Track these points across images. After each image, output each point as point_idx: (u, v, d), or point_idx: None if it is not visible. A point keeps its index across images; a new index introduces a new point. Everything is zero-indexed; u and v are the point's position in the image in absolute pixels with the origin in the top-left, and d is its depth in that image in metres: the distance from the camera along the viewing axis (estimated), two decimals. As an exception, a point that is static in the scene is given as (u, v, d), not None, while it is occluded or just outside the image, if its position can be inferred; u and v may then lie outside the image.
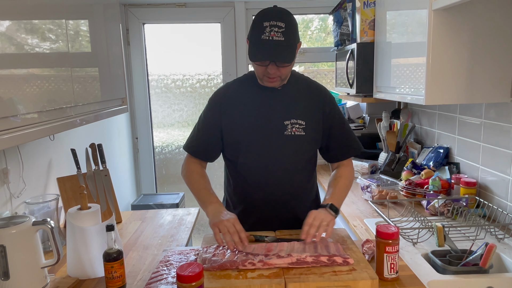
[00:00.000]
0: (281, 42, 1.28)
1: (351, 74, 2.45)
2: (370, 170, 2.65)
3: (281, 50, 1.30)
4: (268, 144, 1.44)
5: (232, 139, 1.47)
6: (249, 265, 1.16)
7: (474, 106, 1.96)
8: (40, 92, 1.20)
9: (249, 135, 1.44)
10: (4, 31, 1.04)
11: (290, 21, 1.31)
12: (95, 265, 1.33)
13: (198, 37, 3.20)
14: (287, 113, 1.45)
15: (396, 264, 1.17)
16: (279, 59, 1.31)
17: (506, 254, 1.46)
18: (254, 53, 1.33)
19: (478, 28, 1.60)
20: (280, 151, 1.44)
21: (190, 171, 1.51)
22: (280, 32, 1.28)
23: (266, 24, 1.28)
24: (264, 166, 1.45)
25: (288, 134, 1.44)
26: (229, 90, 1.51)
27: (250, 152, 1.45)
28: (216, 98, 1.51)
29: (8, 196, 1.57)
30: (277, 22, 1.28)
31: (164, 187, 3.35)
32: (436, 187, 2.01)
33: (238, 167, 1.49)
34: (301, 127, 1.45)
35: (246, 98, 1.47)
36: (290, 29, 1.30)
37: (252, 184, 1.48)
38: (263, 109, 1.45)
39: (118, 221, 1.92)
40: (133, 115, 3.18)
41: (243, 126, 1.45)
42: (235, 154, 1.48)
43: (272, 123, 1.44)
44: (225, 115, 1.46)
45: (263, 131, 1.44)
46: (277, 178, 1.46)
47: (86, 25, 1.59)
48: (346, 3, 2.51)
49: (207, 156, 1.53)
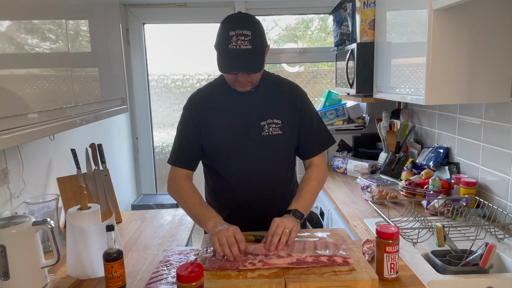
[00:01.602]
0: (249, 51, 1.28)
1: (351, 74, 2.45)
2: (370, 170, 2.65)
3: (250, 59, 1.29)
4: (248, 147, 1.44)
5: (212, 144, 1.46)
6: (249, 265, 1.17)
7: (474, 106, 1.96)
8: (40, 92, 1.20)
9: (228, 139, 1.44)
10: (4, 31, 1.04)
11: (255, 27, 1.30)
12: (95, 265, 1.33)
13: (198, 37, 3.20)
14: (262, 113, 1.45)
15: (396, 264, 1.17)
16: (249, 69, 1.31)
17: (506, 254, 1.46)
18: (223, 64, 1.32)
19: (478, 28, 1.60)
20: (260, 153, 1.45)
21: (181, 187, 1.45)
22: (247, 40, 1.27)
23: (232, 34, 1.27)
24: (246, 168, 1.45)
25: (266, 134, 1.44)
26: (203, 95, 1.50)
27: (230, 155, 1.45)
28: (192, 105, 1.49)
29: (8, 196, 1.57)
30: (243, 30, 1.27)
31: (164, 187, 3.34)
32: (436, 187, 2.01)
33: (219, 171, 1.49)
34: (277, 126, 1.45)
35: (222, 102, 1.47)
36: (257, 36, 1.29)
37: (235, 187, 1.48)
38: (239, 112, 1.45)
39: (118, 221, 1.92)
40: (133, 115, 3.18)
41: (222, 131, 1.45)
42: (215, 159, 1.48)
43: (249, 125, 1.44)
44: (203, 121, 1.45)
45: (241, 134, 1.44)
46: (260, 179, 1.47)
47: (86, 25, 1.59)
48: (346, 3, 2.51)
49: (194, 165, 1.50)
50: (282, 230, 1.28)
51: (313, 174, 1.51)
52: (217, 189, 1.54)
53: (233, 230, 1.25)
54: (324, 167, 1.55)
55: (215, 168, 1.50)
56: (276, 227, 1.29)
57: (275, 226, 1.30)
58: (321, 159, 1.56)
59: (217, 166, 1.49)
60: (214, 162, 1.50)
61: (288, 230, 1.28)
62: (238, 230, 1.26)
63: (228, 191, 1.50)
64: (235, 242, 1.21)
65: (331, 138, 1.57)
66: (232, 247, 1.20)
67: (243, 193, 1.48)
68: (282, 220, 1.32)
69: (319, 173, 1.52)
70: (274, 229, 1.28)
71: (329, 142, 1.56)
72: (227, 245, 1.21)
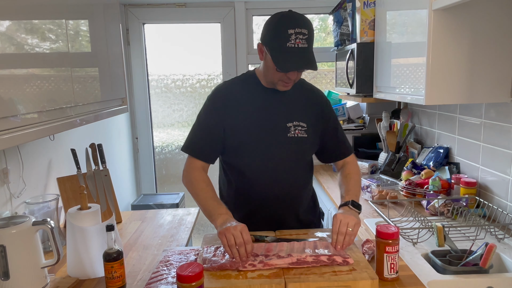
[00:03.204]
0: (307, 49, 1.29)
1: (351, 74, 2.45)
2: (370, 170, 2.65)
3: (309, 58, 1.31)
4: (272, 146, 1.44)
5: (235, 140, 1.44)
6: (249, 267, 1.16)
7: (474, 106, 1.96)
8: (40, 92, 1.20)
9: (253, 137, 1.43)
10: (4, 31, 1.04)
11: (310, 26, 1.32)
12: (95, 265, 1.33)
13: (198, 37, 3.20)
14: (289, 114, 1.45)
15: (396, 264, 1.17)
16: (311, 67, 1.31)
17: (506, 254, 1.46)
18: (282, 62, 1.30)
19: (478, 28, 1.60)
20: (284, 153, 1.45)
21: (195, 178, 1.42)
22: (304, 39, 1.28)
23: (291, 32, 1.27)
24: (268, 167, 1.45)
25: (292, 136, 1.44)
26: (231, 90, 1.48)
27: (253, 153, 1.44)
28: (218, 97, 1.46)
29: (8, 196, 1.57)
30: (301, 29, 1.28)
31: (164, 187, 3.35)
32: (436, 187, 2.01)
33: (240, 168, 1.47)
34: (303, 129, 1.45)
35: (249, 99, 1.45)
36: (311, 35, 1.31)
37: (255, 185, 1.47)
38: (266, 110, 1.45)
39: (118, 221, 1.92)
40: (133, 115, 3.18)
41: (247, 128, 1.43)
42: (237, 155, 1.46)
43: (275, 124, 1.44)
44: (228, 116, 1.43)
45: (267, 132, 1.44)
46: (280, 179, 1.46)
47: (86, 25, 1.59)
48: (346, 3, 2.51)
49: (210, 157, 1.46)
50: (346, 228, 1.27)
51: (352, 169, 1.54)
52: (236, 187, 1.51)
53: (241, 229, 1.22)
54: (357, 163, 1.59)
55: (236, 165, 1.48)
56: (340, 224, 1.28)
57: (338, 223, 1.28)
58: (353, 157, 1.60)
59: (239, 163, 1.47)
60: (235, 159, 1.47)
61: (351, 228, 1.27)
62: (246, 229, 1.24)
63: (248, 190, 1.49)
64: (243, 242, 1.20)
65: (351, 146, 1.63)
66: (240, 248, 1.20)
67: (262, 193, 1.47)
68: (345, 216, 1.29)
69: (357, 168, 1.56)
70: (338, 227, 1.27)
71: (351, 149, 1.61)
72: (235, 246, 1.20)
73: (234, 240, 1.20)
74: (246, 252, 1.20)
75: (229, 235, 1.21)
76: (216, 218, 1.30)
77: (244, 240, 1.20)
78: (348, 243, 1.26)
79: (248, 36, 3.10)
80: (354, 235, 1.27)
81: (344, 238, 1.26)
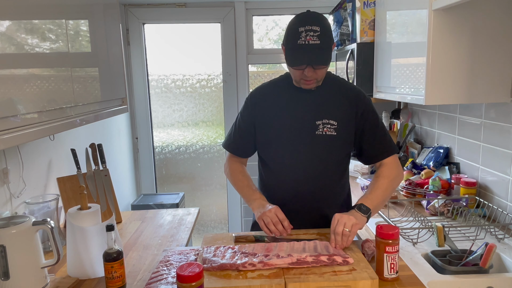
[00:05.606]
0: (317, 45, 1.31)
1: (351, 74, 2.45)
2: (370, 170, 2.65)
3: (317, 53, 1.32)
4: (299, 143, 1.46)
5: (263, 137, 1.51)
6: (249, 266, 1.16)
7: (474, 106, 1.96)
8: (40, 92, 1.20)
9: (280, 134, 1.47)
10: (4, 31, 1.04)
11: (324, 23, 1.33)
12: (95, 265, 1.33)
13: (198, 37, 3.20)
14: (319, 113, 1.46)
15: (396, 264, 1.17)
16: (316, 63, 1.33)
17: (506, 254, 1.46)
18: (291, 59, 1.36)
19: (478, 28, 1.60)
20: (310, 150, 1.46)
21: (233, 170, 1.59)
22: (315, 35, 1.30)
23: (301, 29, 1.30)
24: (294, 164, 1.47)
25: (319, 133, 1.45)
26: (263, 90, 1.56)
27: (280, 150, 1.48)
28: (251, 98, 1.57)
29: (8, 196, 1.57)
30: (312, 26, 1.30)
31: (164, 187, 3.35)
32: (436, 187, 2.01)
33: (269, 164, 1.53)
34: (332, 127, 1.45)
35: (280, 99, 1.50)
36: (325, 32, 1.32)
37: (282, 181, 1.50)
38: (296, 109, 1.47)
39: (118, 221, 1.92)
40: (133, 115, 3.18)
41: (275, 125, 1.48)
42: (266, 152, 1.53)
43: (304, 122, 1.46)
44: (258, 114, 1.51)
45: (294, 130, 1.46)
46: (306, 177, 1.47)
47: (86, 25, 1.59)
48: (346, 3, 2.51)
49: (245, 152, 1.60)
50: (342, 228, 1.26)
51: (383, 172, 1.47)
52: (266, 182, 1.57)
53: (275, 211, 1.38)
54: (397, 165, 1.50)
55: (265, 160, 1.55)
56: (336, 224, 1.28)
57: (335, 223, 1.29)
58: (393, 158, 1.50)
59: (268, 159, 1.53)
60: (265, 155, 1.55)
61: (348, 229, 1.26)
62: (279, 209, 1.39)
63: (275, 185, 1.53)
64: (278, 221, 1.36)
65: (395, 146, 1.53)
66: (277, 226, 1.36)
67: (288, 189, 1.49)
68: (342, 216, 1.29)
69: (390, 171, 1.47)
70: (334, 227, 1.28)
71: (394, 149, 1.51)
72: (271, 223, 1.36)
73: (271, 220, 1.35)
74: (284, 228, 1.36)
75: (266, 217, 1.37)
76: (252, 203, 1.47)
77: (280, 219, 1.36)
78: (346, 243, 1.26)
79: (248, 36, 3.10)
80: (351, 235, 1.27)
81: (341, 238, 1.26)
